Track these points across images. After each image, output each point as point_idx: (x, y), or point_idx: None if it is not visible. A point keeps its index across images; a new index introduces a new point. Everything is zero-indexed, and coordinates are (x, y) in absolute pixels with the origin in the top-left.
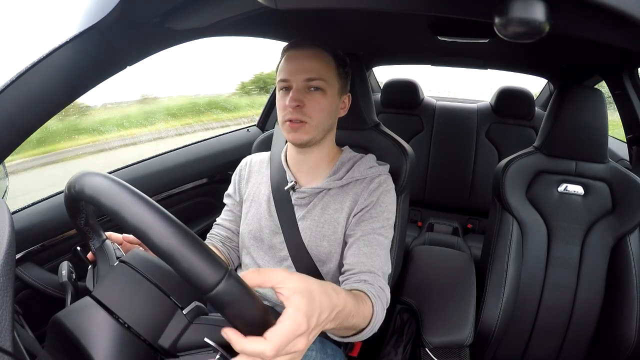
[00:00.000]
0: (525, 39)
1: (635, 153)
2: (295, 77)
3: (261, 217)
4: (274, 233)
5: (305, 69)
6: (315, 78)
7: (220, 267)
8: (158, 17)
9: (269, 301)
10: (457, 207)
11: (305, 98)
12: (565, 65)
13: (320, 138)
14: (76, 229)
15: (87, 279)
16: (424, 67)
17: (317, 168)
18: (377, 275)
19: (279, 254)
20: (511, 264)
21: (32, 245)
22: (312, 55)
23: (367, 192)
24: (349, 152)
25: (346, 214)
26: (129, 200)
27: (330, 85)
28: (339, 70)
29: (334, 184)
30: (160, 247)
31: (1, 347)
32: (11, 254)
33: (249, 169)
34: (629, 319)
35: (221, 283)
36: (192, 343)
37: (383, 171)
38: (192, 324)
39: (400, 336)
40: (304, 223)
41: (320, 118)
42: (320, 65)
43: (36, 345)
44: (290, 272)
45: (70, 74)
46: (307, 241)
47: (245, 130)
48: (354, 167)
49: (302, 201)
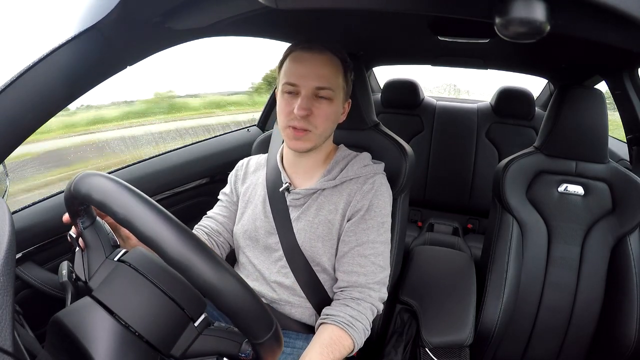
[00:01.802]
0: (526, 39)
1: (635, 153)
2: (306, 83)
3: (256, 218)
4: (269, 234)
5: (316, 75)
6: (326, 87)
7: (270, 320)
8: (158, 17)
9: (265, 298)
10: (457, 207)
11: (312, 106)
12: (565, 65)
13: (321, 144)
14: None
15: (75, 263)
16: (434, 68)
17: (312, 168)
18: (368, 289)
19: (274, 254)
20: (511, 264)
21: (33, 245)
22: (323, 61)
23: (360, 194)
24: (343, 150)
25: (340, 215)
26: (161, 224)
27: (337, 93)
28: (346, 76)
29: (328, 184)
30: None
31: (1, 347)
32: (11, 254)
33: (245, 170)
34: (629, 319)
35: (270, 335)
36: (197, 352)
37: (378, 170)
38: (201, 335)
39: (400, 336)
40: (299, 224)
41: (325, 127)
42: (330, 72)
43: (36, 345)
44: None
45: (70, 74)
46: (302, 242)
47: (246, 131)
48: (347, 166)
49: (296, 202)
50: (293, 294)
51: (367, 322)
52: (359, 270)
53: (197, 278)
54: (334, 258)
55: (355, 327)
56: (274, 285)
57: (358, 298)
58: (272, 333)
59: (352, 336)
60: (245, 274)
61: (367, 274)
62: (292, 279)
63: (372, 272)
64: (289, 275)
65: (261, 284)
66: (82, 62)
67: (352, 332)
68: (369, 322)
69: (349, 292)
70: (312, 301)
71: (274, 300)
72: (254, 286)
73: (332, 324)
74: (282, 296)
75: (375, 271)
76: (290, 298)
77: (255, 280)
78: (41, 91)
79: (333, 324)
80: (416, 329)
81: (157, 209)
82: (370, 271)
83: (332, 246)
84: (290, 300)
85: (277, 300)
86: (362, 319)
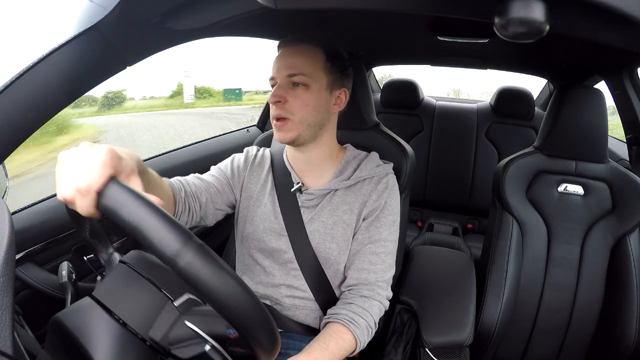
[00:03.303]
0: (525, 39)
1: (635, 153)
2: (279, 74)
3: (265, 219)
4: (278, 235)
5: (289, 64)
6: (297, 73)
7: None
8: (158, 17)
9: (270, 300)
10: (457, 207)
11: (287, 94)
12: (565, 65)
13: (310, 135)
14: (83, 240)
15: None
16: (439, 74)
17: (321, 167)
18: (377, 286)
19: (284, 255)
20: (511, 264)
21: (32, 245)
22: (296, 51)
23: (375, 194)
24: (352, 150)
25: (356, 215)
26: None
27: (316, 79)
28: (328, 64)
29: (342, 184)
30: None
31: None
32: (11, 255)
33: (251, 162)
34: (629, 319)
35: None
36: (183, 335)
37: (389, 169)
38: (184, 315)
39: (400, 336)
40: (312, 225)
41: (303, 114)
42: (303, 60)
43: (36, 345)
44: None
45: (70, 74)
46: (316, 244)
47: (245, 131)
48: (360, 165)
49: (309, 203)
50: (300, 296)
51: (371, 319)
52: (369, 268)
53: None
54: (347, 258)
55: (357, 324)
56: (281, 287)
57: (366, 296)
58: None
59: (353, 332)
60: (249, 277)
61: (377, 272)
62: (302, 281)
63: (381, 270)
64: (299, 277)
65: (267, 287)
66: (81, 62)
67: (353, 328)
68: (373, 320)
69: (357, 291)
70: (319, 302)
71: (279, 303)
72: (259, 290)
73: (334, 321)
74: (289, 299)
75: (384, 269)
76: (296, 301)
77: (260, 283)
78: (41, 91)
79: (335, 321)
80: (416, 329)
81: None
82: (380, 269)
83: (347, 247)
84: (296, 303)
85: (282, 303)
86: (365, 316)
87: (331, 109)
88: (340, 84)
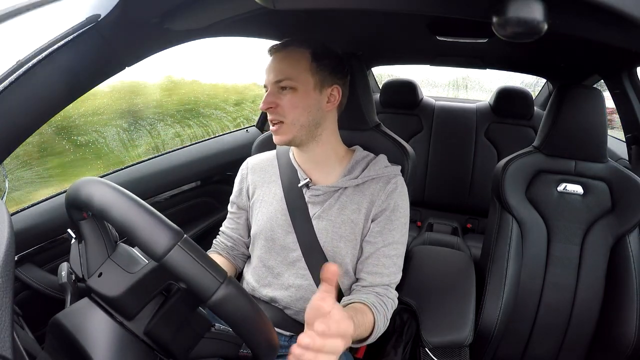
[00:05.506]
0: (524, 39)
1: (634, 152)
2: (268, 81)
3: (272, 217)
4: (286, 232)
5: (275, 70)
6: (283, 79)
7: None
8: (157, 17)
9: (279, 304)
10: (457, 207)
11: (277, 99)
12: (564, 64)
13: (307, 135)
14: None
15: (71, 257)
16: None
17: (328, 165)
18: (389, 287)
19: (291, 254)
20: (511, 264)
21: (32, 246)
22: (282, 57)
23: (384, 194)
24: (361, 151)
25: (364, 215)
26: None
27: (302, 82)
28: (314, 64)
29: (350, 182)
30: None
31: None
32: (11, 255)
33: (252, 169)
34: (629, 319)
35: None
36: (198, 354)
37: (397, 171)
38: (204, 338)
39: (400, 336)
40: (320, 223)
41: (294, 115)
42: (288, 65)
43: (36, 346)
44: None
45: (70, 74)
46: (323, 241)
47: (245, 131)
48: (369, 166)
49: (316, 199)
50: (308, 297)
51: (388, 312)
52: (382, 272)
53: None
54: (355, 259)
55: (378, 310)
56: (288, 288)
57: (381, 294)
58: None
59: (375, 315)
60: (256, 279)
61: (390, 275)
62: (310, 280)
63: (393, 273)
64: (307, 277)
65: (274, 289)
66: (81, 62)
67: (375, 311)
68: (386, 316)
69: (372, 288)
70: None
71: (287, 305)
72: (266, 292)
73: (357, 301)
74: (296, 300)
75: (395, 272)
76: (303, 303)
77: (268, 285)
78: (40, 91)
79: (358, 301)
80: (416, 329)
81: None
82: (392, 272)
83: (354, 247)
84: (303, 305)
85: (289, 305)
86: (383, 307)
87: (324, 107)
88: (330, 82)
